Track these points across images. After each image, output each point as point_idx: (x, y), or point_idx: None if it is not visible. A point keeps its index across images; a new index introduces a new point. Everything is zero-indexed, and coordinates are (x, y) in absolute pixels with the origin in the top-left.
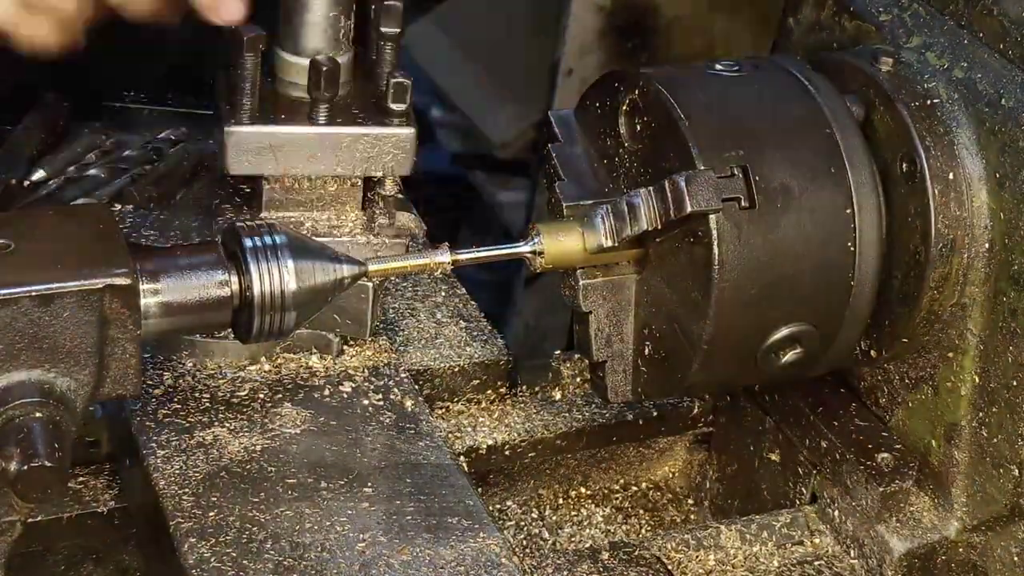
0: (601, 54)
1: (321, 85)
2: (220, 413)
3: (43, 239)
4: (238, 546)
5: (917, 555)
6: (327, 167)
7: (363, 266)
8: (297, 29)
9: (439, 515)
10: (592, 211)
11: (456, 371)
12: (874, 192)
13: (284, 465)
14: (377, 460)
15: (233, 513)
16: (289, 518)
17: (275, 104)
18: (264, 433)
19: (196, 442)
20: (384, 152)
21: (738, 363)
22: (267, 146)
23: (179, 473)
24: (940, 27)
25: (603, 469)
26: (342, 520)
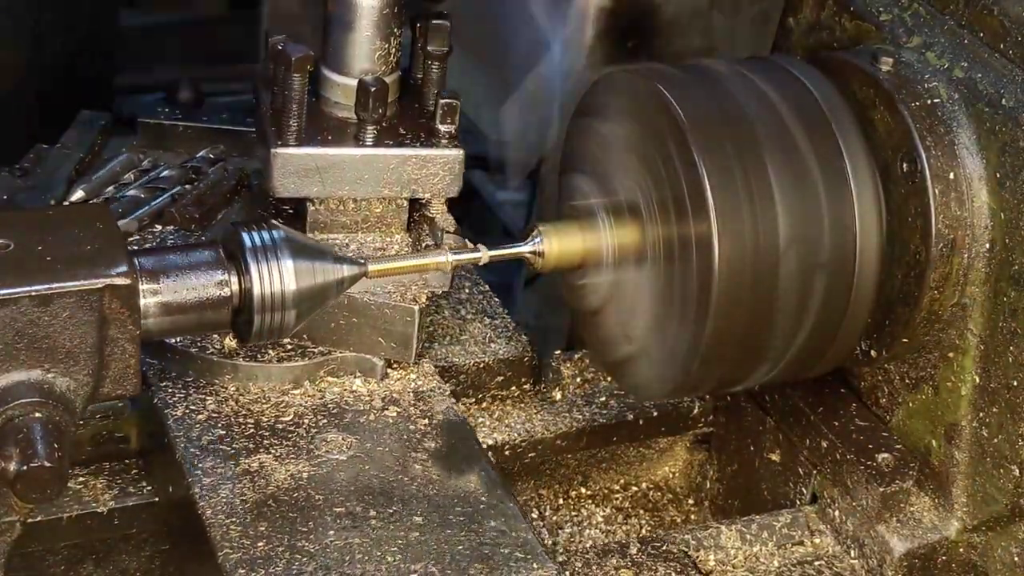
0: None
1: (369, 106)
2: (265, 439)
3: (43, 239)
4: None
5: (917, 555)
6: (374, 189)
7: (363, 266)
8: (344, 49)
9: (492, 545)
10: (593, 209)
11: (481, 367)
12: (874, 192)
13: (332, 493)
14: (426, 487)
15: (282, 543)
16: (339, 548)
17: (320, 125)
18: (310, 460)
19: (242, 469)
20: (432, 173)
21: (741, 360)
22: (314, 168)
23: (226, 502)
24: (940, 27)
25: (603, 469)
26: (392, 550)
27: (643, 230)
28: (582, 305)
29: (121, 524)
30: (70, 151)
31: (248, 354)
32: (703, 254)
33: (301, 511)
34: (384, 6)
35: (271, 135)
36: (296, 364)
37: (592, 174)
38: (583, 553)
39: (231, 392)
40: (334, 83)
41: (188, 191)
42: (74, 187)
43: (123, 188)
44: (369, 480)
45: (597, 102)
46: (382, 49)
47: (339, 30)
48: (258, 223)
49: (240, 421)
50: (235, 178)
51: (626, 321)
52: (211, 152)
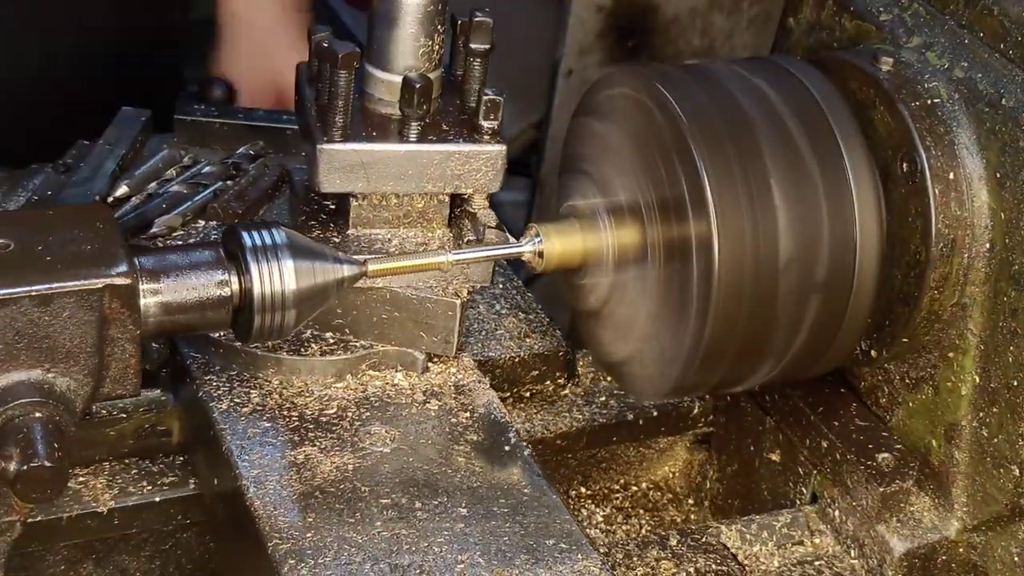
0: (601, 54)
1: (414, 102)
2: (310, 432)
3: (43, 239)
4: (337, 568)
5: (917, 555)
6: (417, 184)
7: (363, 266)
8: (388, 46)
9: (536, 536)
10: (593, 209)
11: (516, 362)
12: (874, 192)
13: (377, 485)
14: (469, 479)
15: (330, 534)
16: (386, 539)
17: (365, 121)
18: (355, 452)
19: (289, 461)
20: (475, 169)
21: (741, 361)
22: (359, 163)
23: (274, 493)
24: (940, 27)
25: (603, 469)
26: (439, 541)
27: (643, 230)
28: (582, 305)
29: (121, 524)
30: (112, 147)
31: (291, 348)
32: (703, 254)
33: (348, 502)
34: (429, 3)
35: (317, 131)
36: (339, 358)
37: (592, 174)
38: (623, 545)
39: (275, 386)
40: (378, 80)
41: (230, 187)
42: (118, 183)
43: (165, 184)
44: (413, 472)
45: (597, 102)
46: (426, 46)
47: (384, 27)
48: (258, 223)
49: (285, 414)
50: (275, 174)
51: (626, 321)
52: (251, 149)
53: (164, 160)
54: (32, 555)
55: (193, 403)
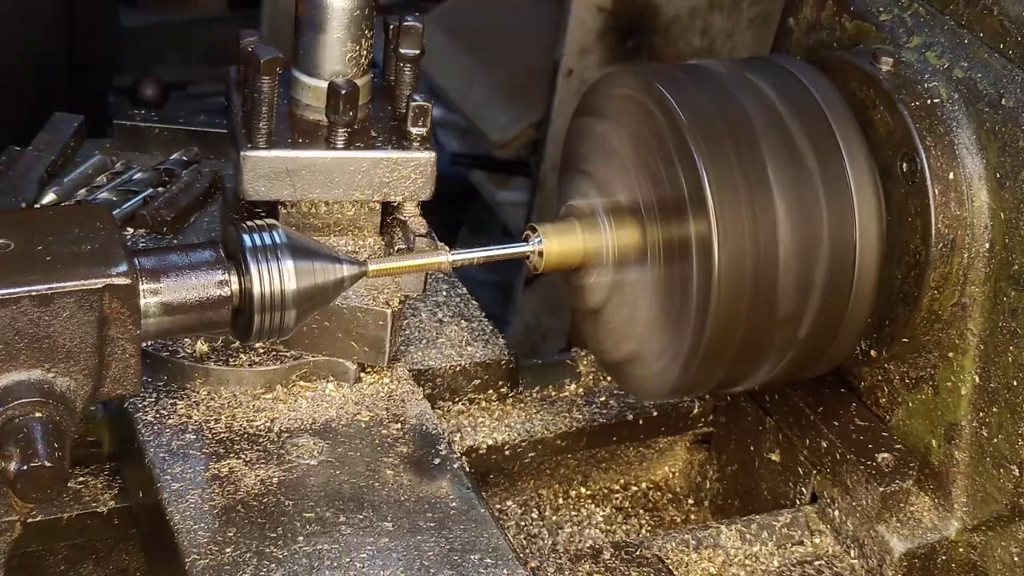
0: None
1: (340, 108)
2: (236, 444)
3: (43, 239)
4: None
5: (917, 555)
6: (345, 192)
7: (363, 266)
8: (314, 51)
9: (461, 551)
10: (593, 209)
11: (457, 371)
12: (874, 192)
13: (302, 498)
14: (397, 493)
15: (250, 549)
16: (307, 554)
17: (292, 127)
18: (281, 465)
19: (212, 474)
20: (404, 176)
21: (740, 360)
22: (284, 171)
23: (195, 507)
24: (940, 27)
25: (603, 469)
26: (362, 556)
27: (643, 230)
28: (582, 305)
29: (121, 524)
30: (42, 153)
31: (220, 358)
32: (703, 254)
33: (270, 517)
34: (355, 8)
35: (241, 137)
36: (268, 368)
37: (592, 174)
38: (555, 558)
39: (202, 397)
40: (305, 85)
41: (161, 194)
42: (46, 190)
43: (95, 191)
44: (340, 485)
45: (597, 102)
46: (353, 51)
47: (310, 32)
48: (258, 223)
49: (211, 426)
50: (209, 181)
51: (626, 321)
52: (184, 155)
53: (95, 166)
54: (32, 555)
55: (120, 414)
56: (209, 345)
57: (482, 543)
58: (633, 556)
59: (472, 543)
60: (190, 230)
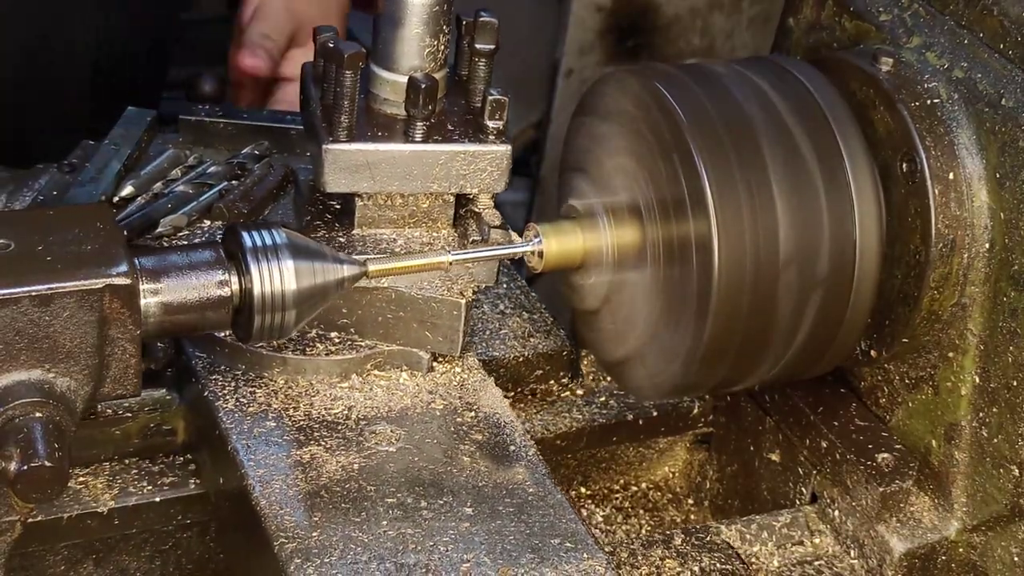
0: (601, 54)
1: (419, 103)
2: (316, 431)
3: (43, 239)
4: (343, 566)
5: (917, 555)
6: (422, 184)
7: (363, 266)
8: (393, 46)
9: (540, 535)
10: (593, 209)
11: (520, 361)
12: (874, 192)
13: (383, 484)
14: (474, 479)
15: (336, 533)
16: (391, 538)
17: (370, 121)
18: (360, 451)
19: (294, 460)
20: (479, 169)
21: (740, 360)
22: (364, 163)
23: (280, 492)
24: (940, 27)
25: (603, 469)
26: (444, 540)
27: (643, 230)
28: (582, 305)
29: (121, 524)
30: (118, 147)
31: (297, 348)
32: (703, 254)
33: (353, 502)
34: (434, 3)
35: (322, 131)
36: (344, 357)
37: (592, 174)
38: (628, 544)
39: (280, 385)
40: (384, 80)
41: (235, 187)
42: (123, 183)
43: (170, 184)
44: (419, 472)
45: (597, 102)
46: (431, 46)
47: (389, 27)
48: (258, 223)
49: (290, 414)
50: (280, 174)
51: (626, 321)
52: (255, 149)
53: (169, 160)
54: (32, 555)
55: (198, 402)
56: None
57: (561, 528)
58: (703, 542)
59: (551, 528)
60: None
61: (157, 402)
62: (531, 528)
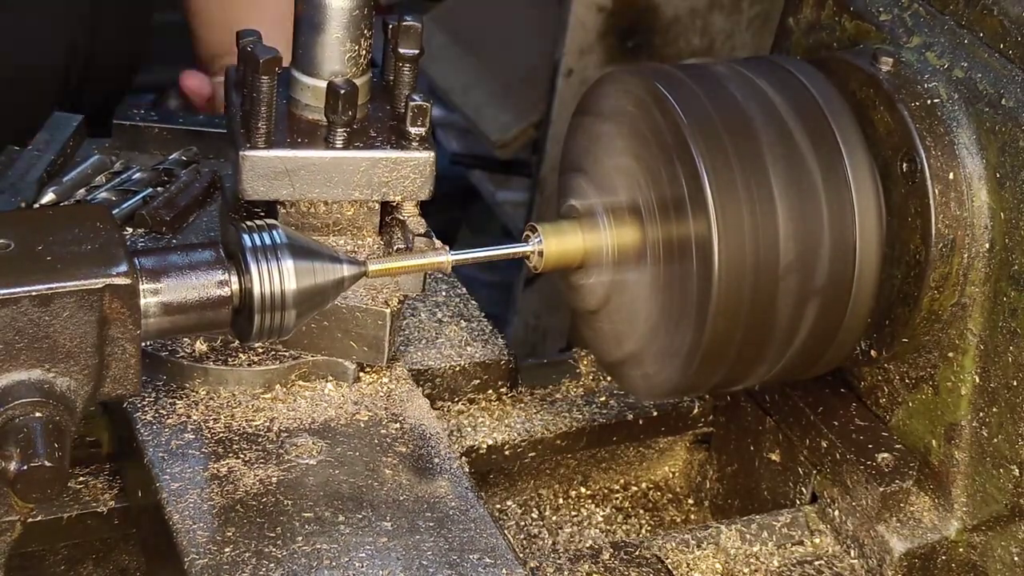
0: (601, 54)
1: (339, 108)
2: (235, 444)
3: (43, 239)
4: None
5: (917, 555)
6: (344, 192)
7: (363, 266)
8: (313, 51)
9: (460, 551)
10: (593, 209)
11: (457, 371)
12: (874, 192)
13: (301, 498)
14: (395, 492)
15: (249, 549)
16: (306, 554)
17: (291, 127)
18: (280, 464)
19: (211, 474)
20: (403, 176)
21: (740, 360)
22: (283, 170)
23: (194, 506)
24: (940, 27)
25: (603, 469)
26: (360, 556)
27: (643, 230)
28: (582, 305)
29: (121, 524)
30: (41, 153)
31: (219, 358)
32: (703, 255)
33: (269, 516)
34: (354, 8)
35: (240, 137)
36: (267, 368)
37: (592, 174)
38: (555, 558)
39: (201, 396)
40: (305, 85)
41: (160, 193)
42: (44, 189)
43: (94, 191)
44: (339, 485)
45: (597, 102)
46: (352, 51)
47: (308, 31)
48: (259, 223)
49: (210, 426)
50: (208, 180)
51: (626, 321)
52: (184, 154)
53: (94, 166)
54: (32, 555)
55: (119, 413)
56: (208, 345)
57: (481, 543)
58: (632, 556)
59: (471, 543)
60: (189, 230)
61: None
62: (450, 543)
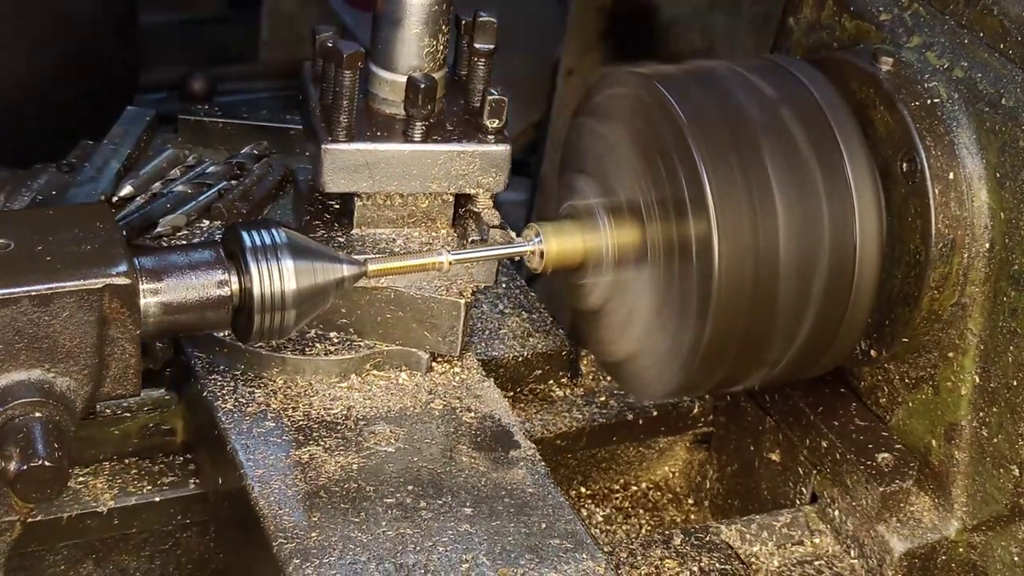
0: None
1: (419, 102)
2: (315, 431)
3: (43, 239)
4: (342, 567)
5: (917, 555)
6: (422, 184)
7: (363, 266)
8: (392, 46)
9: (540, 536)
10: (592, 209)
11: (520, 361)
12: (874, 192)
13: (382, 484)
14: (474, 479)
15: (335, 533)
16: (391, 538)
17: (370, 121)
18: (359, 451)
19: (293, 461)
20: (479, 169)
21: (741, 361)
22: (363, 163)
23: (279, 492)
24: (940, 27)
25: (603, 469)
26: (444, 540)
27: (643, 230)
28: (582, 305)
29: (121, 524)
30: (117, 147)
31: (296, 348)
32: (703, 255)
33: (352, 502)
34: (433, 3)
35: (321, 131)
36: (343, 357)
37: (592, 174)
38: (627, 544)
39: (279, 385)
40: (383, 80)
41: (234, 187)
42: (122, 182)
43: (170, 184)
44: (418, 472)
45: (597, 102)
46: (430, 46)
47: (388, 27)
48: (258, 223)
49: (289, 414)
50: (279, 174)
51: (626, 321)
52: (255, 148)
53: (168, 160)
54: (32, 555)
55: (197, 402)
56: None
57: (560, 528)
58: (703, 542)
59: (550, 528)
60: None
61: (156, 402)
62: (530, 528)
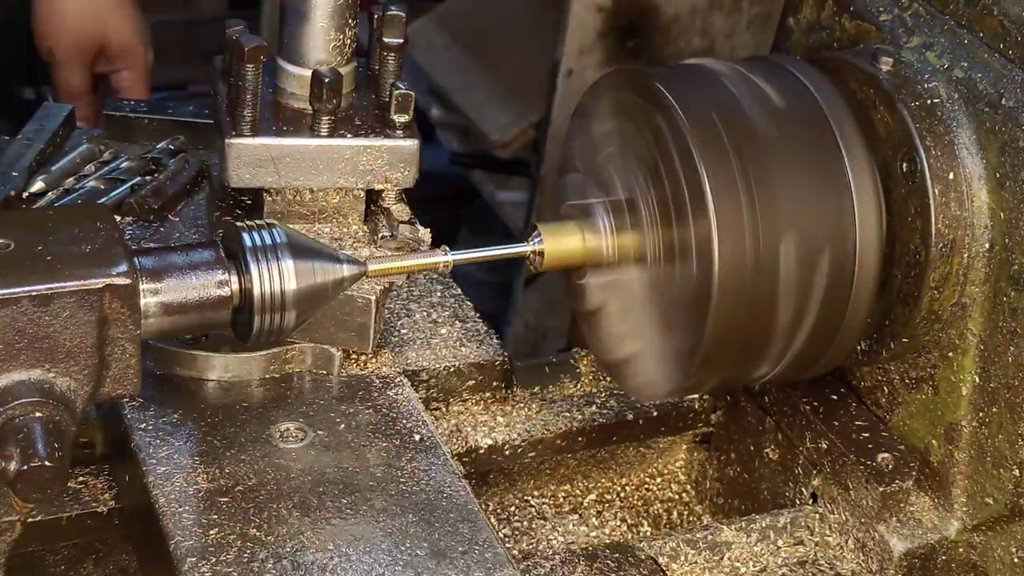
0: (601, 54)
1: (323, 96)
2: (222, 429)
3: (43, 239)
4: (239, 565)
5: (917, 555)
6: (329, 179)
7: (363, 266)
8: (299, 40)
9: (445, 537)
10: (592, 209)
11: (452, 372)
12: (874, 192)
13: (287, 482)
14: (381, 478)
15: (234, 532)
16: (291, 537)
17: (276, 115)
18: (266, 449)
19: (197, 459)
20: (387, 164)
21: (740, 361)
22: (268, 158)
23: (179, 490)
24: (940, 27)
25: (603, 469)
26: (346, 539)
27: (643, 230)
28: (582, 305)
29: (121, 524)
30: (31, 142)
31: (207, 345)
32: (703, 255)
33: (255, 500)
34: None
35: (226, 125)
36: (254, 354)
37: (592, 174)
38: (548, 559)
39: (188, 382)
40: (290, 74)
41: (147, 182)
42: (34, 178)
43: (83, 179)
44: (324, 470)
45: (597, 102)
46: (337, 40)
47: (294, 20)
48: (259, 223)
49: (197, 410)
50: (195, 169)
51: (626, 321)
52: (171, 143)
53: (83, 155)
54: (32, 555)
55: (113, 411)
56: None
57: (466, 529)
58: (627, 557)
59: (456, 531)
60: (177, 219)
61: None
62: (437, 532)
